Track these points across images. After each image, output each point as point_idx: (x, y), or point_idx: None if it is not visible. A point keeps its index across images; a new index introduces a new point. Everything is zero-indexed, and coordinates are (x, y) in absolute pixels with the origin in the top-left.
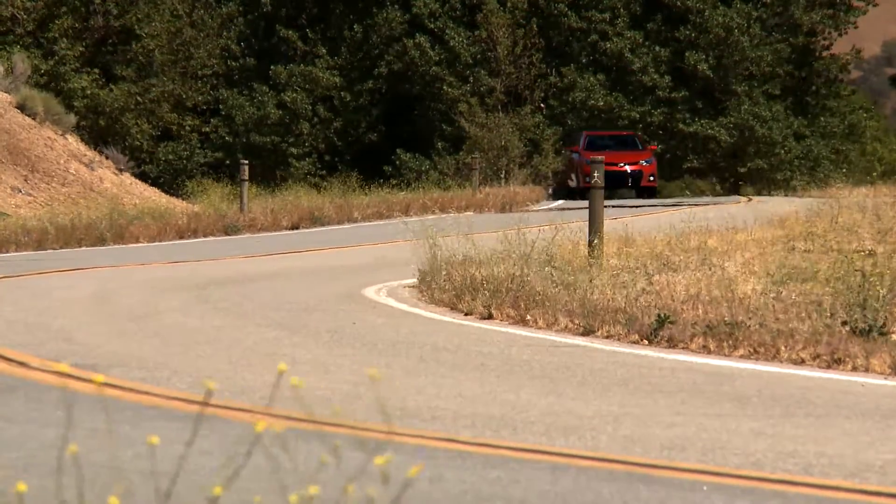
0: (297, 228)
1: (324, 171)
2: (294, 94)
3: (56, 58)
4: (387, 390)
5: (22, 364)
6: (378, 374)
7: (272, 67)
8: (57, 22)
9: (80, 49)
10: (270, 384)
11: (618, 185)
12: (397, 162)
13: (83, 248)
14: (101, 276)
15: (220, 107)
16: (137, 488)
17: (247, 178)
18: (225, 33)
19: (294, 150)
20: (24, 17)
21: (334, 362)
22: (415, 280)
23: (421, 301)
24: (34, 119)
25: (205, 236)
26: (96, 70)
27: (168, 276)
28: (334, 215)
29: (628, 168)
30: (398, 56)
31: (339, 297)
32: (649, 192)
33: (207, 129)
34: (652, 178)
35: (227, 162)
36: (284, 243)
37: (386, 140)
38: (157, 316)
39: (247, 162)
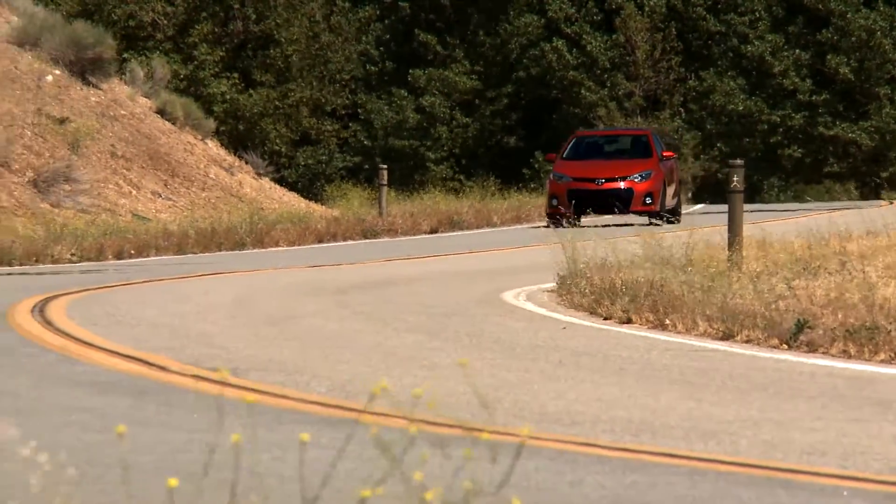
0: (435, 232)
1: (461, 176)
2: (432, 99)
3: (195, 63)
4: (526, 395)
5: (162, 368)
6: (517, 378)
7: (411, 72)
8: (197, 27)
9: (220, 54)
10: (410, 388)
11: (596, 209)
12: (535, 165)
13: (223, 253)
14: (241, 280)
15: (359, 111)
16: (274, 492)
17: (386, 182)
18: (363, 38)
19: (432, 155)
20: (165, 22)
21: (473, 366)
22: (554, 284)
23: (560, 305)
24: (174, 124)
25: (344, 240)
26: (235, 75)
27: (307, 280)
28: (473, 219)
29: (620, 185)
30: (535, 60)
31: (478, 301)
32: (652, 217)
33: (346, 134)
34: (650, 200)
35: (366, 166)
36: (423, 247)
37: (524, 144)
38: (296, 320)
39: (385, 166)
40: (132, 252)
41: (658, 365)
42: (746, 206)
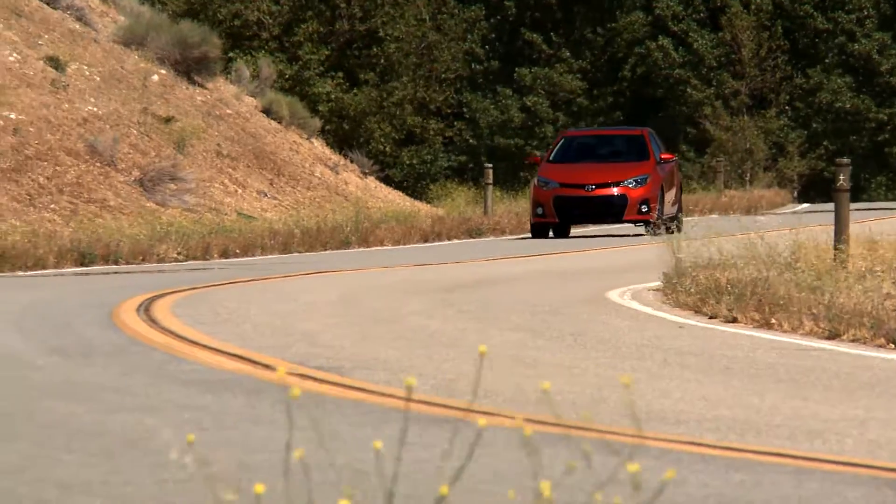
0: None
1: None
2: (537, 98)
3: (301, 62)
4: (631, 394)
5: (267, 367)
6: (624, 378)
7: (516, 70)
8: (302, 26)
9: (325, 53)
10: (514, 387)
11: (585, 219)
12: None
13: (328, 252)
14: (346, 279)
15: (464, 110)
16: (378, 493)
17: (491, 181)
18: (469, 36)
19: (537, 153)
20: (270, 21)
21: (578, 365)
22: (659, 283)
23: (665, 304)
24: (279, 123)
25: (448, 239)
26: (340, 74)
27: (412, 278)
28: None
29: (612, 191)
30: (641, 59)
31: (583, 300)
32: (649, 226)
33: (451, 133)
34: (646, 208)
35: (471, 165)
36: (528, 246)
37: None
38: (401, 319)
39: (491, 165)
40: (237, 251)
41: (763, 364)
42: (852, 205)
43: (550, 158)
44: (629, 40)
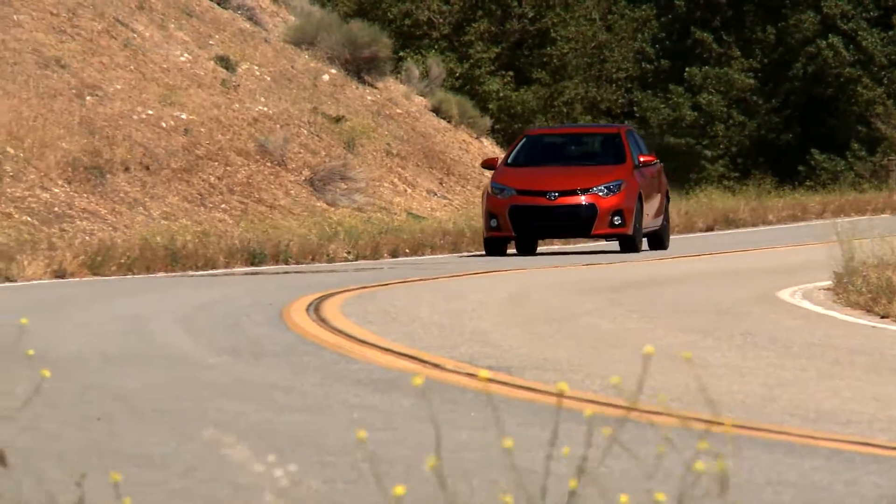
0: (711, 230)
1: (737, 174)
2: (709, 96)
3: (471, 61)
4: (801, 393)
5: (436, 366)
6: (792, 377)
7: (686, 69)
8: (473, 25)
9: (495, 51)
10: (683, 387)
11: (547, 232)
12: (812, 163)
13: None
14: (516, 278)
15: (634, 109)
16: (551, 493)
17: None
18: (639, 36)
19: (708, 153)
20: (440, 20)
21: (747, 365)
22: (830, 282)
23: (836, 304)
24: (449, 122)
25: None
26: (510, 73)
27: (581, 278)
28: (748, 217)
29: (580, 199)
30: (811, 58)
31: (753, 300)
32: (624, 243)
33: None
34: (619, 220)
35: None
36: (698, 246)
37: (800, 141)
38: (570, 318)
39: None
40: (407, 250)
41: None
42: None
43: (508, 161)
44: (799, 39)
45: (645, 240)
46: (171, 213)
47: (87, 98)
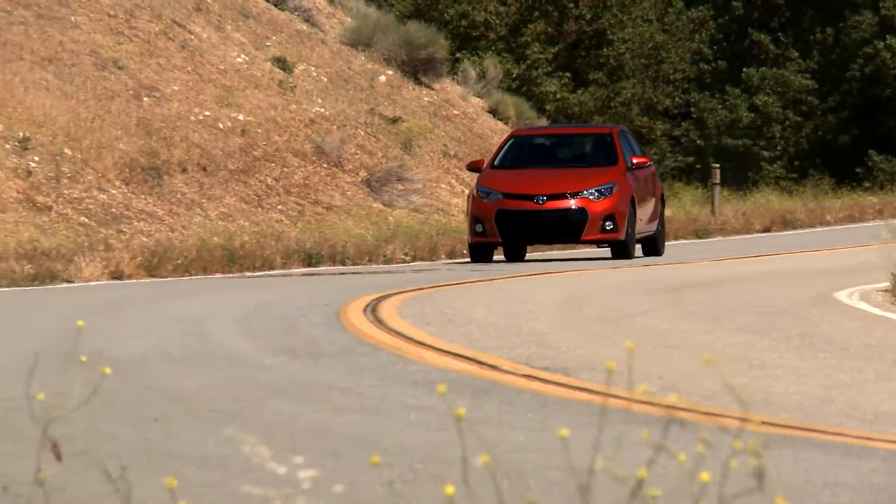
0: (768, 231)
1: (794, 175)
2: (766, 98)
3: (528, 62)
4: (859, 395)
5: (493, 367)
6: (850, 378)
7: (744, 70)
8: (530, 26)
9: (552, 52)
10: (740, 388)
11: (535, 238)
12: (869, 164)
13: (552, 252)
14: (573, 279)
15: (692, 110)
16: (603, 495)
17: (718, 181)
18: (696, 37)
19: (765, 154)
20: (497, 22)
21: (804, 366)
22: (888, 284)
23: (894, 305)
24: (506, 123)
25: (675, 239)
26: (567, 74)
27: (638, 278)
28: (805, 218)
29: (569, 203)
30: (869, 59)
31: (810, 301)
32: (616, 248)
33: (678, 133)
34: (611, 226)
35: (698, 165)
36: (755, 246)
37: (857, 142)
38: (626, 319)
39: (718, 165)
40: (464, 252)
41: None
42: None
43: (495, 163)
44: (857, 40)
45: (639, 246)
46: (228, 213)
47: (145, 99)
